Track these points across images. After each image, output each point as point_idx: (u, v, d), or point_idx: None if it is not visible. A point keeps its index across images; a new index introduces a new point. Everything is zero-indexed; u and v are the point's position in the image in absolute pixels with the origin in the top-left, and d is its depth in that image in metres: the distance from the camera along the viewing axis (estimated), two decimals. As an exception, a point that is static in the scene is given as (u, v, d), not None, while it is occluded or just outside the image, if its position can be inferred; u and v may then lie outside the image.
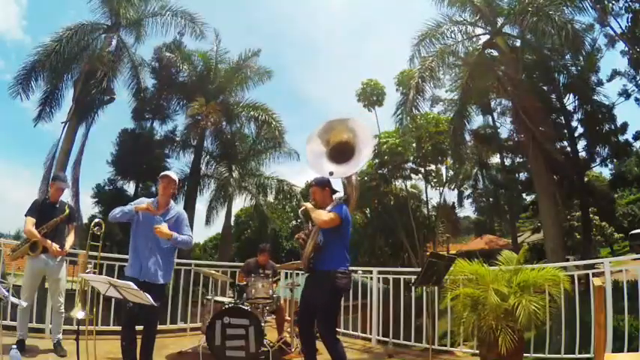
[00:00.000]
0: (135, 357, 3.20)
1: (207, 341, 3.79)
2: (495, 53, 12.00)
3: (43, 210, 3.99)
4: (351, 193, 3.46)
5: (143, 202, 3.33)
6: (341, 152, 3.32)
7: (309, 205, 3.29)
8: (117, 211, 3.29)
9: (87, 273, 3.34)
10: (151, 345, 3.30)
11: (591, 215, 19.69)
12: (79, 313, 3.31)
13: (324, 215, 3.12)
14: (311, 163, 3.28)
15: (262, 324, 3.93)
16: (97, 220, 4.00)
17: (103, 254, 4.14)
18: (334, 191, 3.39)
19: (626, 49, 14.68)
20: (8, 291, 3.41)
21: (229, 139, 16.05)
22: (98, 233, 3.72)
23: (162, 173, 3.47)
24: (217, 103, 14.83)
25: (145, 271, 3.23)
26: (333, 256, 3.15)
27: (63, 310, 4.03)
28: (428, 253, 4.82)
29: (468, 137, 15.75)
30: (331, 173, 3.26)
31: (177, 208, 3.55)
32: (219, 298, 4.49)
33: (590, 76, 15.79)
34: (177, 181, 3.50)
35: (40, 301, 4.54)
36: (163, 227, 3.19)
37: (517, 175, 20.73)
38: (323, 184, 3.34)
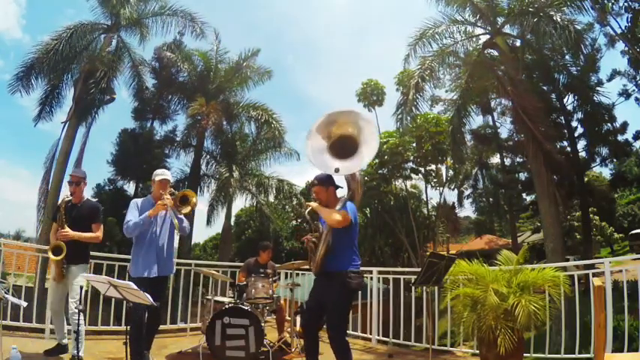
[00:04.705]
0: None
1: (207, 341, 3.79)
2: (495, 53, 11.98)
3: (68, 214, 3.73)
4: (356, 189, 3.23)
5: (138, 205, 3.56)
6: (343, 146, 3.05)
7: (315, 204, 3.12)
8: (132, 227, 3.40)
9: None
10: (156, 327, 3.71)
11: (591, 215, 19.72)
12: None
13: (337, 215, 2.97)
14: (313, 160, 3.03)
15: (262, 324, 3.92)
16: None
17: (103, 254, 4.14)
18: (337, 187, 3.24)
19: (626, 48, 14.68)
20: (8, 291, 3.40)
21: (229, 139, 16.06)
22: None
23: (158, 178, 3.61)
24: (217, 102, 14.82)
25: (160, 266, 3.50)
26: (343, 256, 3.04)
27: (74, 316, 3.97)
28: (428, 253, 4.77)
29: (468, 137, 15.76)
30: (337, 170, 3.01)
31: None
32: (219, 298, 4.47)
33: (590, 76, 15.80)
34: (170, 179, 3.74)
35: (40, 302, 4.55)
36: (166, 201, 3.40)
37: (517, 175, 20.75)
38: (327, 182, 3.18)
